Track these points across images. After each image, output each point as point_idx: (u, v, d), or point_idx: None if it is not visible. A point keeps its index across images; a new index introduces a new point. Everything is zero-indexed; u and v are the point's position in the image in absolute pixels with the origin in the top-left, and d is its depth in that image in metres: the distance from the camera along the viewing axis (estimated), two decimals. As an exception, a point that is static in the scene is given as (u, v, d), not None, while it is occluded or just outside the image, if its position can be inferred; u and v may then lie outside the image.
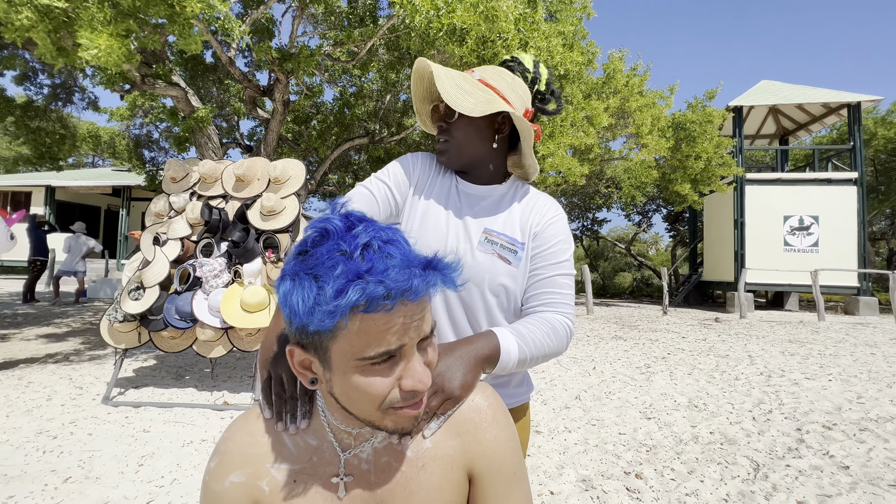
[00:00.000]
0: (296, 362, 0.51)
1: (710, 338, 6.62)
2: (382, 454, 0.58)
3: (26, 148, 9.08)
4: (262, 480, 0.56)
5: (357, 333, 0.45)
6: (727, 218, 11.96)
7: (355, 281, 0.42)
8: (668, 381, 4.08)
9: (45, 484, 2.09)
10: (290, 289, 0.45)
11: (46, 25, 3.33)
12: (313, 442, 0.59)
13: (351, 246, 0.45)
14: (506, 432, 0.61)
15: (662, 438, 2.77)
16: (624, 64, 8.95)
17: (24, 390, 3.42)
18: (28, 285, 8.50)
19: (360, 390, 0.48)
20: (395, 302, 0.43)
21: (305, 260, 0.46)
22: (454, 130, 0.88)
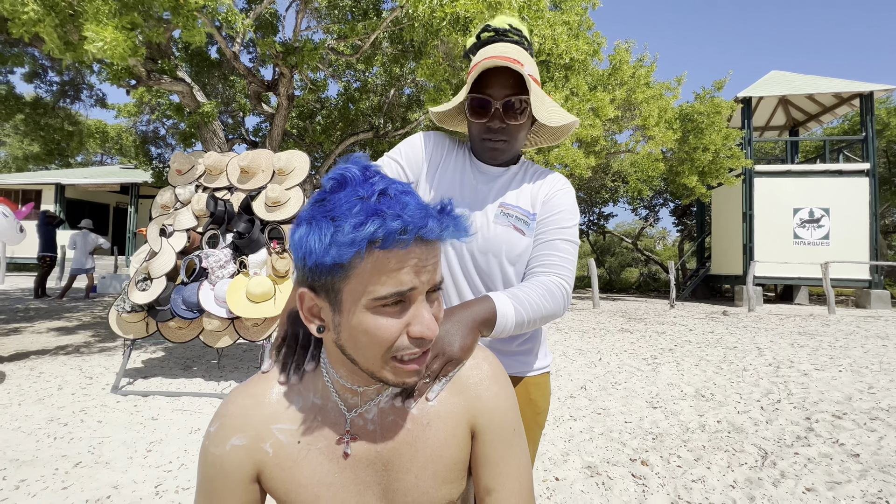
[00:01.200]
0: (305, 308, 0.52)
1: (717, 330, 6.56)
2: (388, 413, 0.58)
3: (36, 145, 9.19)
4: (265, 443, 0.56)
5: (371, 271, 0.46)
6: (736, 211, 11.82)
7: (373, 215, 0.44)
8: (675, 372, 4.06)
9: (56, 468, 2.12)
10: (306, 231, 0.47)
11: (53, 19, 3.35)
12: (318, 402, 0.58)
13: (368, 192, 0.46)
14: (506, 390, 0.63)
15: (669, 427, 2.75)
16: (630, 55, 8.84)
17: (36, 380, 3.47)
18: (39, 281, 8.63)
19: (369, 333, 0.48)
20: (411, 238, 0.45)
21: (323, 205, 0.47)
22: (516, 132, 0.89)
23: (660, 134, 8.87)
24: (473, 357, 0.65)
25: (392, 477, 0.57)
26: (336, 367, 0.57)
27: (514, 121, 0.87)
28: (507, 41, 0.90)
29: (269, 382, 0.59)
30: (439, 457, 0.58)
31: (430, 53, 4.44)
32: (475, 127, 0.90)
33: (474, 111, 0.88)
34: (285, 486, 0.56)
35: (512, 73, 0.84)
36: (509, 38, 0.91)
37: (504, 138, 0.89)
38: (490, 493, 0.59)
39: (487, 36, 0.92)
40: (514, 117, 0.86)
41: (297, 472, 0.56)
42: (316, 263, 0.46)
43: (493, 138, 0.89)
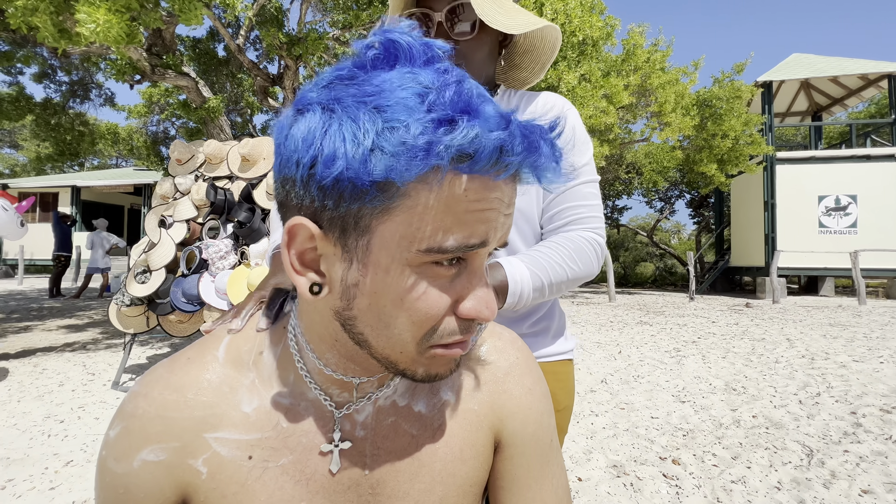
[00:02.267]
0: (295, 250, 0.32)
1: (742, 322, 6.27)
2: (388, 414, 0.41)
3: (48, 145, 9.28)
4: (195, 458, 0.37)
5: (436, 206, 0.29)
6: (756, 200, 11.39)
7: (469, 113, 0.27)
8: (701, 365, 3.82)
9: (46, 467, 2.01)
10: (323, 122, 0.29)
11: (47, 6, 3.26)
12: (282, 399, 0.39)
13: (437, 80, 0.29)
14: (541, 386, 0.47)
15: (700, 422, 2.54)
16: (645, 39, 8.53)
17: (38, 377, 3.40)
18: (53, 280, 8.70)
19: (408, 305, 0.31)
20: (517, 162, 0.29)
21: (356, 85, 0.29)
22: (471, 52, 0.68)
23: (676, 120, 8.54)
24: (498, 338, 0.48)
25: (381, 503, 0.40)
26: (318, 349, 0.38)
27: (464, 35, 0.66)
28: None
29: (203, 368, 0.39)
30: (451, 475, 0.41)
31: (437, 34, 4.25)
32: None
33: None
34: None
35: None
36: None
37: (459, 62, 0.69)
38: None
39: None
40: (465, 31, 0.66)
41: (245, 500, 0.37)
42: (341, 177, 0.28)
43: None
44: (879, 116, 15.05)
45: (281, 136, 0.31)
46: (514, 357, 0.47)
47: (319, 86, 0.31)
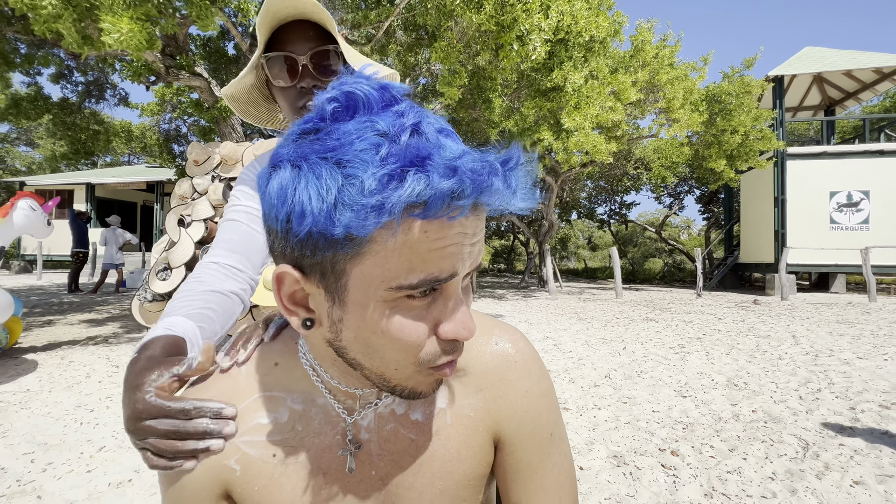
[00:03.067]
0: (285, 294, 0.36)
1: (748, 319, 6.29)
2: (387, 420, 0.46)
3: (64, 144, 9.51)
4: (229, 459, 0.44)
5: (399, 249, 0.31)
6: (766, 196, 11.31)
7: (415, 166, 0.29)
8: (705, 361, 3.88)
9: (81, 452, 2.16)
10: (292, 178, 0.31)
11: (71, 14, 3.39)
12: (297, 407, 0.45)
13: (394, 125, 0.31)
14: (540, 385, 0.49)
15: (700, 416, 2.62)
16: (653, 35, 8.49)
17: (66, 369, 3.57)
18: (72, 276, 8.96)
19: (389, 336, 0.35)
20: (468, 204, 0.30)
21: (319, 140, 0.32)
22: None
23: (685, 117, 8.51)
24: (492, 334, 0.50)
25: (391, 493, 0.46)
26: (325, 367, 0.44)
27: (327, 76, 0.73)
28: None
29: (232, 378, 0.46)
30: (449, 473, 0.46)
31: (444, 36, 4.32)
32: (285, 96, 0.74)
33: (277, 75, 0.72)
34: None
35: (311, 24, 0.71)
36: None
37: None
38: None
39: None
40: (328, 72, 0.73)
41: (273, 492, 0.44)
42: (312, 231, 0.31)
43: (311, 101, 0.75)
44: (894, 111, 14.78)
45: (261, 190, 0.34)
46: (510, 355, 0.49)
47: (289, 141, 0.34)
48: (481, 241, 0.36)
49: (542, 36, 3.44)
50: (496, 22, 3.36)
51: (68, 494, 1.80)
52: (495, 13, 3.30)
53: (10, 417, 2.58)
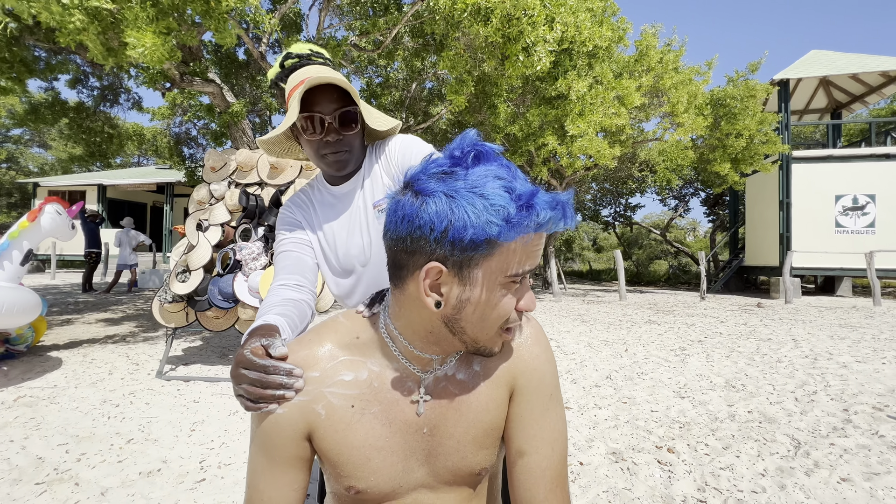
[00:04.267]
0: (428, 284, 0.51)
1: (751, 322, 6.36)
2: (441, 381, 0.61)
3: (79, 147, 9.74)
4: (318, 404, 0.57)
5: (517, 250, 0.49)
6: (771, 199, 11.33)
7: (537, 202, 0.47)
8: (705, 363, 3.97)
9: (111, 444, 2.30)
10: (450, 205, 0.47)
11: (96, 27, 3.56)
12: (375, 368, 0.59)
13: (508, 174, 0.49)
14: (546, 353, 0.64)
15: (697, 416, 2.72)
16: (657, 39, 8.57)
17: (89, 366, 3.74)
18: (86, 276, 9.18)
19: (498, 308, 0.52)
20: (560, 226, 0.49)
21: (459, 180, 0.48)
22: (353, 140, 0.92)
23: (689, 121, 8.58)
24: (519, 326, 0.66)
25: (436, 441, 0.59)
26: (410, 338, 0.58)
27: (348, 131, 0.89)
28: (314, 64, 0.93)
29: (321, 345, 0.60)
30: (479, 421, 0.59)
31: (452, 46, 4.45)
32: (312, 145, 0.90)
33: (308, 130, 0.88)
34: (337, 448, 0.57)
35: (335, 88, 0.86)
36: (315, 62, 0.94)
37: (344, 149, 0.90)
38: (522, 456, 0.59)
39: (292, 63, 0.94)
40: (348, 127, 0.89)
41: (349, 435, 0.57)
42: (470, 239, 0.47)
43: (333, 150, 0.90)
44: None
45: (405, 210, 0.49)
46: (526, 332, 0.65)
47: (433, 178, 0.49)
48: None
49: (546, 47, 3.55)
50: (503, 34, 3.48)
51: (103, 482, 1.95)
52: (501, 26, 3.42)
53: (41, 411, 2.73)
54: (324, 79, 0.82)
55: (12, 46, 5.40)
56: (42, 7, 3.04)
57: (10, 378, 3.36)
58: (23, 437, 2.37)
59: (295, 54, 0.94)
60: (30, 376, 3.42)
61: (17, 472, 2.01)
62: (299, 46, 0.96)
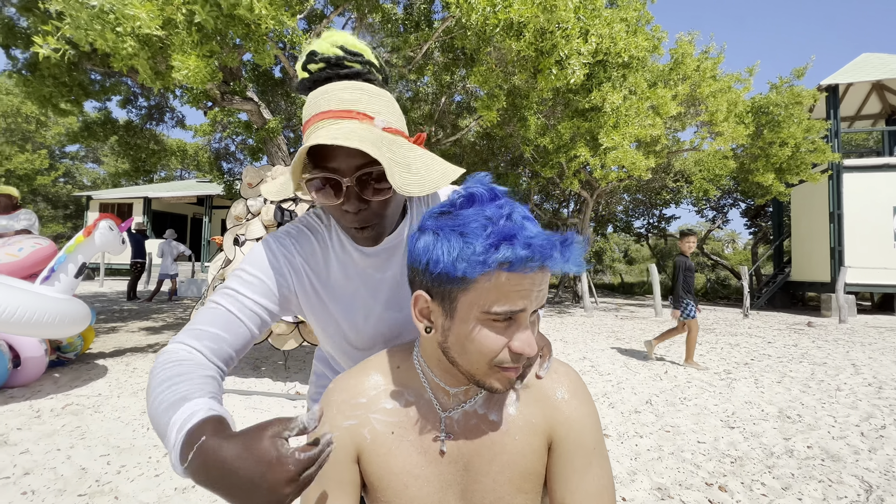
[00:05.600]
0: (418, 309, 0.56)
1: (802, 343, 5.93)
2: (471, 417, 0.61)
3: (126, 163, 10.34)
4: (364, 428, 0.60)
5: (491, 289, 0.50)
6: (821, 210, 10.67)
7: (506, 240, 0.47)
8: (754, 389, 3.71)
9: (150, 457, 2.35)
10: (433, 241, 0.51)
11: (146, 52, 3.76)
12: (411, 398, 0.62)
13: (496, 214, 0.50)
14: (587, 406, 0.62)
15: (749, 450, 2.52)
16: (694, 47, 8.31)
17: (131, 375, 3.87)
18: (131, 285, 9.66)
19: (476, 342, 0.52)
20: (536, 266, 0.48)
21: (451, 218, 0.52)
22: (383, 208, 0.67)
23: (729, 129, 8.23)
24: (554, 371, 0.65)
25: (471, 478, 0.59)
26: (432, 367, 0.60)
27: (377, 195, 0.64)
28: (343, 74, 0.67)
29: (367, 375, 0.64)
30: (515, 464, 0.59)
31: (483, 60, 4.44)
32: (332, 210, 0.68)
33: (321, 194, 0.64)
34: (379, 472, 0.59)
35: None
36: (347, 69, 0.68)
37: (373, 222, 0.66)
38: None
39: (318, 68, 0.68)
40: (377, 192, 0.64)
41: (390, 460, 0.59)
42: (441, 272, 0.50)
43: (359, 224, 0.66)
44: (968, 117, 13.61)
45: (414, 244, 0.54)
46: (565, 383, 0.63)
47: (432, 216, 0.54)
48: (545, 289, 0.53)
49: (580, 60, 3.48)
50: (536, 48, 3.44)
51: (141, 496, 1.97)
52: (535, 40, 3.39)
53: (86, 420, 2.83)
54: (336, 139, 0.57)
55: (72, 72, 5.81)
56: (98, 35, 3.24)
57: (59, 385, 3.53)
58: (69, 445, 2.45)
59: (320, 56, 0.68)
60: (77, 384, 3.57)
61: (63, 482, 2.07)
62: (327, 42, 0.68)
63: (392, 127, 0.65)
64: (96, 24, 3.19)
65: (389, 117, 0.65)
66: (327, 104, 0.63)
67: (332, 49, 0.67)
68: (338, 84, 0.65)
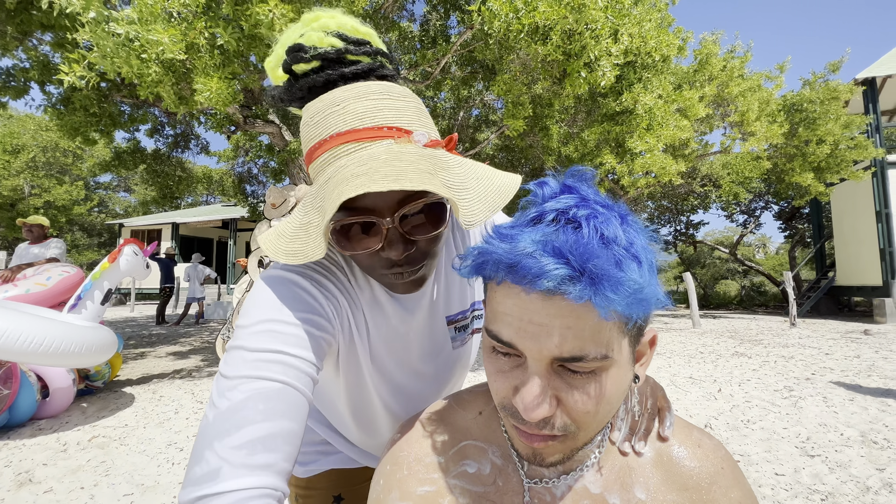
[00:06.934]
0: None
1: (864, 354, 5.44)
2: (582, 496, 0.45)
3: (154, 190, 10.63)
4: (443, 498, 0.46)
5: (491, 300, 0.41)
6: (866, 210, 10.04)
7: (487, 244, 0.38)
8: (825, 409, 3.34)
9: (174, 497, 2.20)
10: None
11: (170, 78, 3.78)
12: (498, 462, 0.48)
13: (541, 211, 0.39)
14: (750, 499, 0.46)
15: (839, 483, 2.20)
16: (719, 47, 8.04)
17: (157, 403, 3.79)
18: (160, 309, 9.80)
19: (490, 378, 0.42)
20: (500, 278, 0.38)
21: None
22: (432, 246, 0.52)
23: (762, 129, 7.86)
24: (698, 445, 0.48)
25: None
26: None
27: (426, 233, 0.49)
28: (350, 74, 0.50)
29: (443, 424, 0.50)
30: None
31: (507, 68, 4.33)
32: (364, 259, 0.51)
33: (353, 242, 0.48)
34: None
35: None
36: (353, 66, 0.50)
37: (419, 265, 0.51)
38: None
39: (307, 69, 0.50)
40: (427, 228, 0.49)
41: None
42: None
43: (403, 272, 0.51)
44: None
45: None
46: (718, 466, 0.46)
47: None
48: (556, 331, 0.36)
49: (611, 61, 3.31)
50: (563, 52, 3.29)
51: (164, 545, 1.82)
52: (562, 43, 3.24)
53: (111, 454, 2.72)
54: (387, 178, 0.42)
55: (102, 103, 5.98)
56: (124, 62, 3.27)
57: (87, 416, 3.46)
58: (92, 483, 2.34)
59: (312, 53, 0.49)
60: (104, 414, 3.50)
61: (84, 527, 1.94)
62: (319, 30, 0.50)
63: (432, 138, 0.49)
64: (122, 52, 3.21)
65: (425, 125, 0.50)
66: (343, 122, 0.47)
67: (328, 40, 0.50)
68: (348, 90, 0.48)
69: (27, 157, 16.61)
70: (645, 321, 0.41)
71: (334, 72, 0.50)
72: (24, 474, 2.42)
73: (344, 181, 0.43)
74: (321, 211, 0.46)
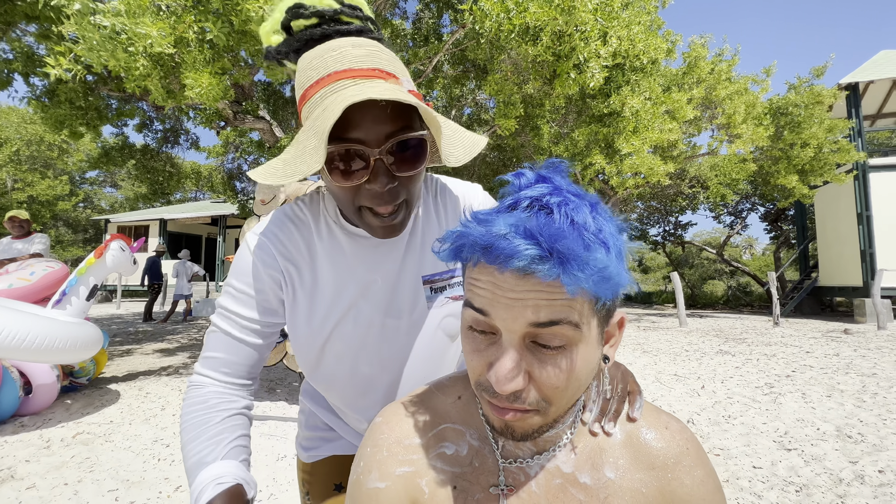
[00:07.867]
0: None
1: (843, 352, 5.59)
2: (555, 476, 0.47)
3: (144, 186, 10.49)
4: (422, 478, 0.48)
5: (466, 282, 0.43)
6: (848, 212, 10.28)
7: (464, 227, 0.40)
8: (803, 405, 3.44)
9: (160, 491, 2.20)
10: None
11: (158, 72, 3.75)
12: (475, 444, 0.49)
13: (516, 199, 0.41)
14: (713, 479, 0.48)
15: (813, 476, 2.27)
16: (707, 50, 8.16)
17: (143, 400, 3.76)
18: (148, 306, 9.68)
19: (464, 349, 0.44)
20: (476, 259, 0.40)
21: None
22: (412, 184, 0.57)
23: (748, 132, 8.00)
24: (665, 427, 0.49)
25: None
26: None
27: (408, 170, 0.54)
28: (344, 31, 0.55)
29: (423, 407, 0.52)
30: None
31: (497, 68, 4.35)
32: (346, 193, 0.55)
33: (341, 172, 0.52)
34: None
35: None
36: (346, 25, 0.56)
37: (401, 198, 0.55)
38: None
39: (305, 25, 0.55)
40: (409, 164, 0.54)
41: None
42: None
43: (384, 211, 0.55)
44: None
45: None
46: (684, 447, 0.48)
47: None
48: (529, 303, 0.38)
49: (600, 63, 3.35)
50: (553, 52, 3.33)
51: (150, 539, 1.82)
52: (552, 44, 3.28)
53: (96, 451, 2.70)
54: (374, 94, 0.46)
55: (88, 96, 5.89)
56: (110, 55, 3.23)
57: (71, 412, 3.42)
58: (76, 479, 2.32)
59: (311, 10, 0.55)
60: (89, 410, 3.46)
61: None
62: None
63: (415, 91, 0.56)
64: (108, 45, 3.18)
65: (410, 84, 0.57)
66: (340, 63, 0.52)
67: (326, 0, 0.56)
68: (344, 40, 0.54)
69: (10, 150, 16.25)
70: (613, 303, 0.43)
71: (330, 28, 0.55)
72: (5, 471, 2.40)
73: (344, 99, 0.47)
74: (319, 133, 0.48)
